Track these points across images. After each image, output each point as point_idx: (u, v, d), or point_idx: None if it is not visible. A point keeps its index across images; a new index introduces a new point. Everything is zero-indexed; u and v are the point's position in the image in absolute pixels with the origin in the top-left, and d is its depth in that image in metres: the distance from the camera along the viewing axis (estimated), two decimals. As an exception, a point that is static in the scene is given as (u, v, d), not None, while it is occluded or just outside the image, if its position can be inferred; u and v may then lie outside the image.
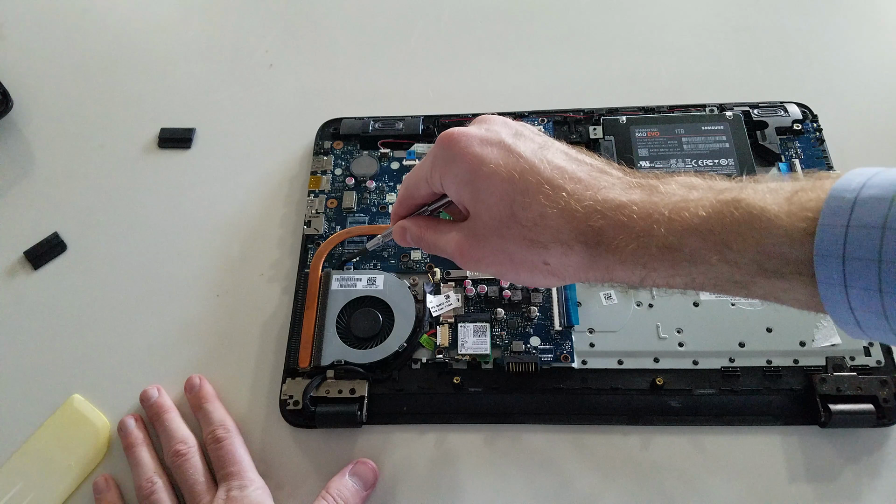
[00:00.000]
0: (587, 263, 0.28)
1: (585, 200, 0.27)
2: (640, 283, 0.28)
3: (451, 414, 0.42)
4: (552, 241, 0.28)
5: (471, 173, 0.29)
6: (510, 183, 0.28)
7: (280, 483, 0.40)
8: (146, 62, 0.61)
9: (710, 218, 0.25)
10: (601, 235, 0.27)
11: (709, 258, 0.25)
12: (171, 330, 0.46)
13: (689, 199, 0.26)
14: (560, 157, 0.29)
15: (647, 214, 0.26)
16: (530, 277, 0.30)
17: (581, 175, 0.28)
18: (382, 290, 0.44)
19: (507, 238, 0.29)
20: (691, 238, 0.25)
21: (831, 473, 0.39)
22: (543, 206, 0.28)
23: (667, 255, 0.26)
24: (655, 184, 0.28)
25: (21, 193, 0.53)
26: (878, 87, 0.54)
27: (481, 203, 0.29)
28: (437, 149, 0.31)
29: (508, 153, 0.29)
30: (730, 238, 0.24)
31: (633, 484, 0.39)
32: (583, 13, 0.61)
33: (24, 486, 0.41)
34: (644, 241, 0.26)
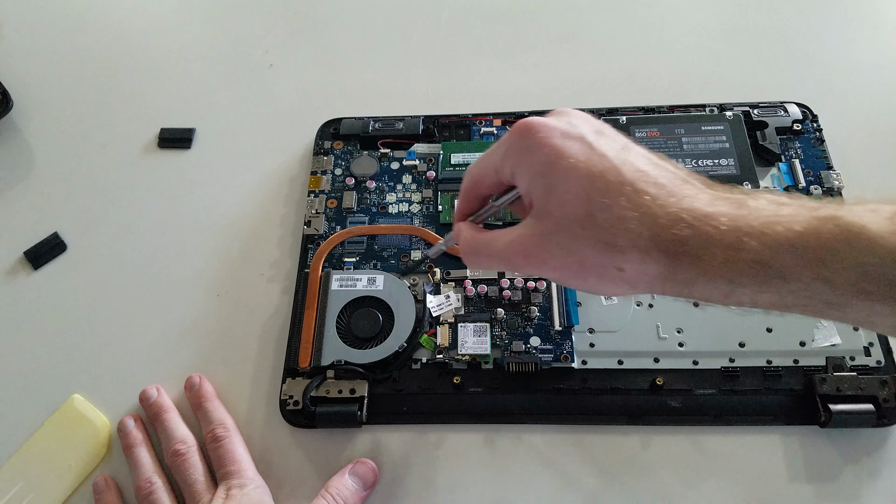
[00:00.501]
0: (666, 274, 0.26)
1: (669, 207, 0.26)
2: (724, 300, 0.26)
3: (451, 414, 0.42)
4: (630, 247, 0.26)
5: (548, 165, 0.27)
6: (590, 180, 0.26)
7: (280, 483, 0.40)
8: (146, 62, 0.61)
9: (806, 233, 0.24)
10: (685, 245, 0.25)
11: (802, 276, 0.24)
12: (171, 330, 0.46)
13: (782, 214, 0.25)
14: (642, 160, 0.28)
15: (736, 227, 0.25)
16: (598, 283, 0.28)
17: (664, 181, 0.27)
18: (382, 290, 0.44)
19: (579, 238, 0.27)
20: (784, 254, 0.24)
21: (831, 473, 0.39)
22: (624, 209, 0.26)
23: (757, 271, 0.24)
24: (742, 198, 0.26)
25: (21, 193, 0.53)
26: (878, 87, 0.54)
27: (555, 198, 0.27)
28: (513, 137, 0.29)
29: (590, 150, 0.27)
30: (827, 255, 0.23)
31: (633, 484, 0.39)
32: (583, 13, 0.61)
33: (24, 486, 0.41)
34: (733, 254, 0.25)
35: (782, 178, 0.48)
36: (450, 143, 0.51)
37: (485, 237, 0.31)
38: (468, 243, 0.32)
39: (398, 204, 0.50)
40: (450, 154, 0.51)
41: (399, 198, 0.50)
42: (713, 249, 0.25)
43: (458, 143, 0.52)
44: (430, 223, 0.48)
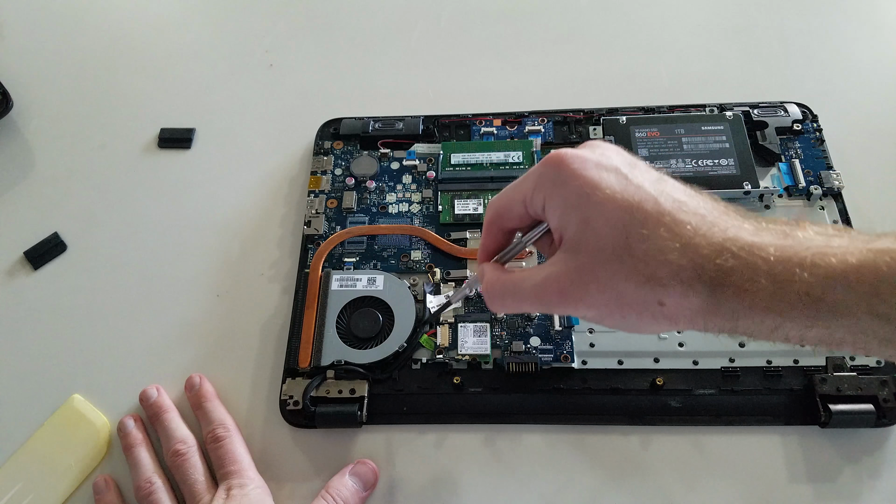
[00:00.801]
0: (709, 307, 0.25)
1: (713, 237, 0.25)
2: (770, 335, 0.25)
3: (451, 414, 0.42)
4: (672, 279, 0.25)
5: (582, 197, 0.26)
6: (627, 212, 0.25)
7: (280, 483, 0.40)
8: (146, 62, 0.61)
9: (862, 267, 0.23)
10: (730, 276, 0.24)
11: (855, 311, 0.23)
12: (171, 330, 0.46)
13: (833, 246, 0.24)
14: (679, 191, 0.27)
15: (786, 257, 0.24)
16: (638, 321, 0.27)
17: (703, 211, 0.26)
18: (382, 290, 0.44)
19: (618, 273, 0.25)
20: (837, 287, 0.23)
21: (831, 473, 0.39)
22: (664, 240, 0.25)
23: (807, 304, 0.23)
24: (788, 229, 0.25)
25: (21, 193, 0.53)
26: (878, 87, 0.54)
27: (591, 231, 0.26)
28: (545, 168, 0.28)
29: (626, 181, 0.26)
30: (883, 289, 0.22)
31: (633, 484, 0.39)
32: (583, 13, 0.61)
33: (24, 486, 0.41)
34: (782, 286, 0.23)
35: (782, 178, 0.48)
36: (450, 143, 0.51)
37: (512, 278, 0.30)
38: (493, 286, 0.30)
39: (398, 204, 0.50)
40: (450, 154, 0.51)
41: (399, 198, 0.50)
42: (760, 281, 0.24)
43: (458, 143, 0.52)
44: (430, 223, 0.48)
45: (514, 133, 0.52)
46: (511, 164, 0.50)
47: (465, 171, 0.50)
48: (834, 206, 0.47)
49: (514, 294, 0.29)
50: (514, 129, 0.52)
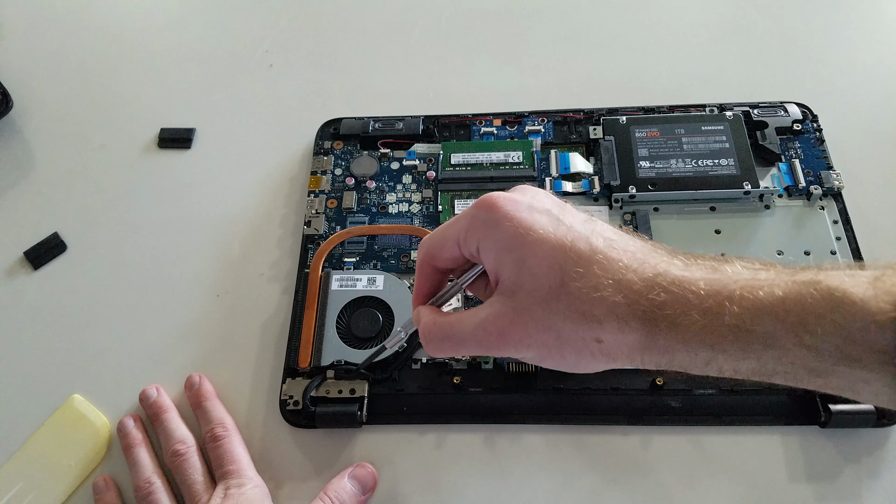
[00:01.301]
0: (645, 342, 0.25)
1: (644, 272, 0.25)
2: (704, 368, 0.26)
3: (451, 414, 0.42)
4: (607, 316, 0.25)
5: (517, 238, 0.27)
6: (561, 251, 0.26)
7: (280, 483, 0.40)
8: (146, 62, 0.61)
9: (788, 298, 0.23)
10: (663, 310, 0.25)
11: (785, 342, 0.23)
12: (171, 330, 0.46)
13: (761, 279, 0.24)
14: (608, 230, 0.27)
15: (715, 291, 0.24)
16: (576, 359, 0.27)
17: (633, 248, 0.27)
18: (382, 290, 0.44)
19: (555, 311, 0.26)
20: (766, 319, 0.23)
21: (831, 473, 0.39)
22: (598, 277, 0.25)
23: (738, 336, 0.24)
24: (715, 264, 0.26)
25: (21, 193, 0.53)
26: (878, 87, 0.54)
27: (526, 271, 0.26)
28: (478, 210, 0.28)
29: (558, 222, 0.27)
30: (809, 320, 0.23)
31: (633, 484, 0.39)
32: (583, 13, 0.61)
33: (24, 486, 0.41)
34: (712, 319, 0.24)
35: (782, 178, 0.48)
36: (450, 143, 0.51)
37: (450, 321, 0.29)
38: (431, 330, 0.30)
39: (398, 204, 0.50)
40: (450, 154, 0.51)
41: (399, 198, 0.50)
42: (692, 315, 0.24)
43: (458, 143, 0.52)
44: (430, 223, 0.48)
45: (514, 133, 0.52)
46: (511, 164, 0.50)
47: (465, 171, 0.50)
48: (834, 206, 0.47)
49: (451, 337, 0.29)
50: (514, 129, 0.52)
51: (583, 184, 0.49)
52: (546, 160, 0.50)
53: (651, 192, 0.47)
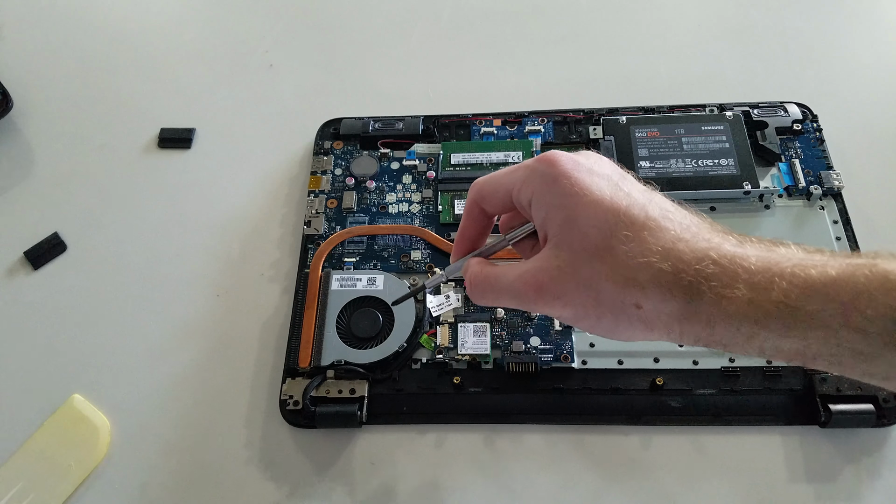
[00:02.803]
0: (686, 313, 0.25)
1: (696, 245, 0.25)
2: (745, 344, 0.25)
3: (451, 414, 0.42)
4: (651, 282, 0.25)
5: (571, 197, 0.26)
6: (614, 214, 0.26)
7: (280, 483, 0.40)
8: (146, 62, 0.61)
9: (840, 278, 0.23)
10: (709, 282, 0.24)
11: (831, 322, 0.23)
12: (171, 330, 0.46)
13: (815, 259, 0.24)
14: (667, 202, 0.27)
15: (766, 267, 0.24)
16: (614, 323, 0.27)
17: (688, 222, 0.26)
18: (382, 290, 0.44)
19: (598, 272, 0.26)
20: (816, 297, 0.23)
21: (831, 473, 0.39)
22: (647, 243, 0.25)
23: (784, 313, 0.23)
24: (771, 244, 0.25)
25: (21, 193, 0.53)
26: (878, 87, 0.54)
27: (576, 229, 0.26)
28: (538, 164, 0.28)
29: (616, 188, 0.27)
30: (860, 301, 0.22)
31: (633, 484, 0.39)
32: (583, 13, 0.61)
33: (24, 486, 0.41)
34: (760, 294, 0.24)
35: (782, 178, 0.48)
36: (450, 143, 0.51)
37: (494, 271, 0.30)
38: (476, 278, 0.30)
39: (398, 204, 0.50)
40: (450, 154, 0.51)
41: (399, 198, 0.50)
42: (739, 288, 0.24)
43: (458, 143, 0.52)
44: (430, 223, 0.48)
45: (514, 133, 0.52)
46: (511, 164, 0.50)
47: (465, 171, 0.50)
48: (834, 206, 0.47)
49: (493, 288, 0.29)
50: (514, 129, 0.52)
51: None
52: (546, 160, 0.50)
53: (651, 192, 0.47)
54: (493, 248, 0.32)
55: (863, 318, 0.22)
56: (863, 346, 0.23)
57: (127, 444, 0.42)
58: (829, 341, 0.23)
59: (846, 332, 0.23)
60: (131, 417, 0.43)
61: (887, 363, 0.23)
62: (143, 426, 0.43)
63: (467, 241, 0.33)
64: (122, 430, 0.43)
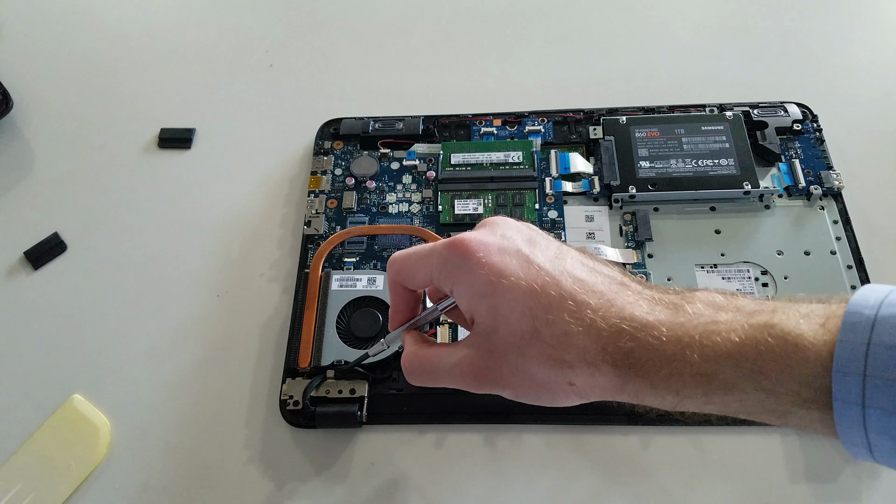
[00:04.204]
0: (616, 386, 0.26)
1: (611, 318, 0.26)
2: (672, 408, 0.26)
3: (451, 414, 0.42)
4: (578, 361, 0.26)
5: (489, 285, 0.27)
6: (532, 297, 0.26)
7: (280, 483, 0.40)
8: (146, 62, 0.61)
9: (744, 344, 0.24)
10: (631, 357, 0.25)
11: (744, 387, 0.24)
12: (171, 330, 0.46)
13: (719, 322, 0.25)
14: (578, 267, 0.28)
15: (676, 337, 0.25)
16: (551, 398, 0.28)
17: (602, 289, 0.27)
18: (382, 290, 0.44)
19: (528, 356, 0.27)
20: (725, 365, 0.24)
21: (831, 473, 0.39)
22: (568, 324, 0.26)
23: (700, 383, 0.25)
24: (679, 302, 0.26)
25: (21, 193, 0.53)
26: (878, 87, 0.55)
27: (500, 318, 0.27)
28: (449, 252, 0.28)
29: (528, 264, 0.27)
30: (766, 366, 0.23)
31: (633, 484, 0.39)
32: (583, 13, 0.61)
33: (24, 486, 0.41)
34: (676, 366, 0.25)
35: (782, 178, 0.48)
36: (450, 143, 0.51)
37: (428, 355, 0.30)
38: (412, 361, 0.31)
39: (398, 204, 0.50)
40: (450, 154, 0.51)
41: (399, 198, 0.50)
42: (657, 362, 0.25)
43: (458, 143, 0.52)
44: (430, 223, 0.48)
45: (514, 133, 0.52)
46: (511, 164, 0.50)
47: (465, 171, 0.50)
48: (834, 206, 0.47)
49: (429, 373, 0.30)
50: (514, 129, 0.52)
51: (583, 184, 0.49)
52: (546, 160, 0.50)
53: (651, 192, 0.47)
54: (427, 316, 0.33)
55: (770, 381, 0.23)
56: (775, 405, 0.24)
57: (127, 444, 0.42)
58: (745, 402, 0.25)
59: (758, 395, 0.24)
60: (131, 417, 0.43)
61: (798, 418, 0.24)
62: (143, 426, 0.43)
63: (400, 313, 0.33)
64: (122, 430, 0.43)
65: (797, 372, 0.23)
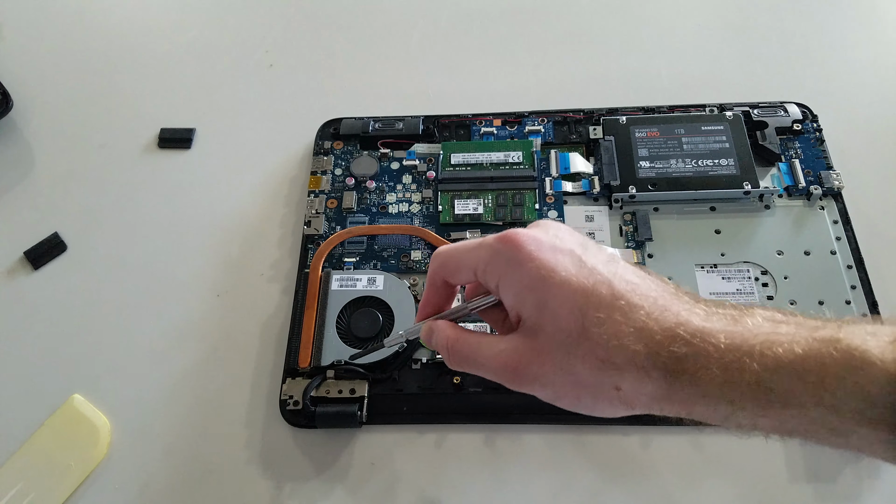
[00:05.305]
0: (664, 393, 0.25)
1: (665, 322, 0.25)
2: (723, 422, 0.25)
3: (451, 414, 0.42)
4: (627, 364, 0.25)
5: (539, 280, 0.26)
6: (583, 295, 0.26)
7: (280, 483, 0.40)
8: (146, 62, 0.61)
9: (807, 357, 0.23)
10: (683, 363, 0.24)
11: (804, 401, 0.23)
12: (171, 330, 0.46)
13: (780, 334, 0.24)
14: (630, 272, 0.27)
15: (735, 346, 0.24)
16: (593, 404, 0.27)
17: (654, 294, 0.26)
18: (382, 290, 0.44)
19: (574, 356, 0.26)
20: (785, 377, 0.23)
21: (831, 473, 0.39)
22: (619, 324, 0.25)
23: (757, 394, 0.23)
24: (736, 314, 0.25)
25: (21, 193, 0.53)
26: (878, 87, 0.55)
27: (548, 314, 0.26)
28: (499, 245, 0.28)
29: (581, 263, 0.26)
30: (829, 381, 0.22)
31: (633, 484, 0.39)
32: (583, 13, 0.61)
33: (24, 486, 0.41)
34: (732, 374, 0.24)
35: (782, 178, 0.48)
36: (450, 143, 0.51)
37: (471, 340, 0.30)
38: (452, 344, 0.30)
39: (398, 204, 0.50)
40: (450, 154, 0.51)
41: (399, 198, 0.50)
42: (712, 370, 0.24)
43: (458, 143, 0.52)
44: (430, 223, 0.48)
45: (514, 133, 0.52)
46: (511, 164, 0.50)
47: (465, 171, 0.50)
48: (834, 206, 0.47)
49: (471, 360, 0.29)
50: (514, 129, 0.52)
51: (583, 184, 0.49)
52: (546, 160, 0.50)
53: (651, 192, 0.47)
54: (456, 313, 0.32)
55: (833, 397, 0.22)
56: (837, 423, 0.23)
57: (127, 444, 0.42)
58: (803, 419, 0.23)
59: (819, 411, 0.23)
60: (131, 417, 0.43)
61: (861, 438, 0.23)
62: (143, 426, 0.43)
63: (431, 306, 0.33)
64: (122, 430, 0.43)
65: (863, 389, 0.22)
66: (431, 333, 0.31)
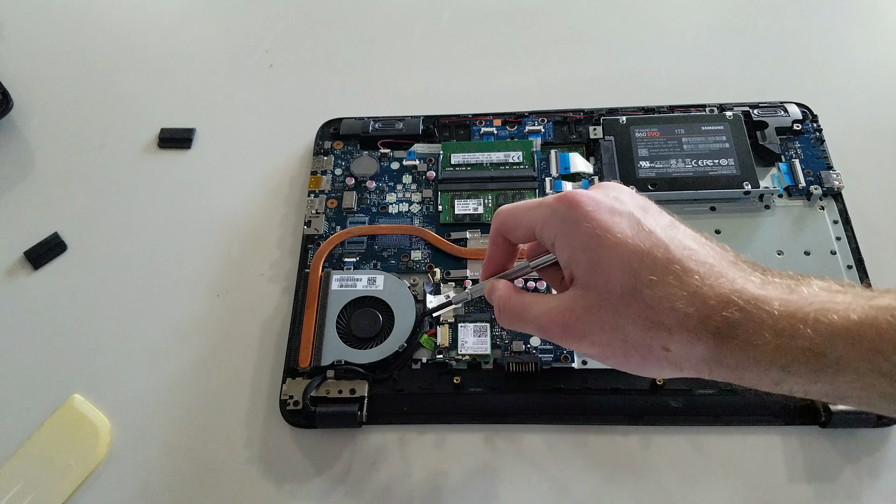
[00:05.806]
0: (714, 357, 0.25)
1: (720, 288, 0.25)
2: (774, 388, 0.25)
3: (451, 414, 0.42)
4: (677, 327, 0.25)
5: (594, 239, 0.27)
6: (637, 256, 0.26)
7: (280, 483, 0.40)
8: (146, 62, 0.61)
9: (863, 323, 0.23)
10: (736, 329, 0.24)
11: (858, 367, 0.23)
12: (171, 330, 0.46)
13: (836, 302, 0.24)
14: (689, 238, 0.27)
15: (790, 312, 0.24)
16: (641, 364, 0.27)
17: (712, 261, 0.26)
18: (382, 290, 0.44)
19: (624, 315, 0.26)
20: (840, 343, 0.23)
21: (831, 473, 0.39)
22: (672, 287, 0.25)
23: (811, 359, 0.24)
24: (793, 283, 0.25)
25: (21, 193, 0.53)
26: (878, 87, 0.55)
27: (601, 272, 0.26)
28: (559, 204, 0.28)
29: (638, 226, 0.27)
30: (885, 346, 0.22)
31: (633, 484, 0.39)
32: (583, 13, 0.61)
33: (24, 486, 0.41)
34: (786, 341, 0.24)
35: (782, 178, 0.48)
36: (450, 143, 0.51)
37: (522, 300, 0.30)
38: (505, 303, 0.31)
39: (398, 204, 0.50)
40: (450, 154, 0.51)
41: (399, 198, 0.50)
42: (765, 335, 0.24)
43: (458, 143, 0.52)
44: (430, 223, 0.48)
45: (514, 133, 0.52)
46: (511, 164, 0.50)
47: (465, 171, 0.50)
48: (834, 206, 0.47)
49: (520, 317, 0.30)
50: (514, 129, 0.52)
51: (583, 184, 0.49)
52: (546, 160, 0.50)
53: (651, 192, 0.47)
54: (518, 272, 0.33)
55: (889, 363, 0.22)
56: (889, 389, 0.23)
57: (127, 444, 0.42)
58: (856, 385, 0.24)
59: (874, 377, 0.23)
60: (131, 417, 0.43)
61: None
62: (143, 426, 0.43)
63: (494, 265, 0.34)
64: (122, 430, 0.43)
65: None
66: (493, 291, 0.32)
